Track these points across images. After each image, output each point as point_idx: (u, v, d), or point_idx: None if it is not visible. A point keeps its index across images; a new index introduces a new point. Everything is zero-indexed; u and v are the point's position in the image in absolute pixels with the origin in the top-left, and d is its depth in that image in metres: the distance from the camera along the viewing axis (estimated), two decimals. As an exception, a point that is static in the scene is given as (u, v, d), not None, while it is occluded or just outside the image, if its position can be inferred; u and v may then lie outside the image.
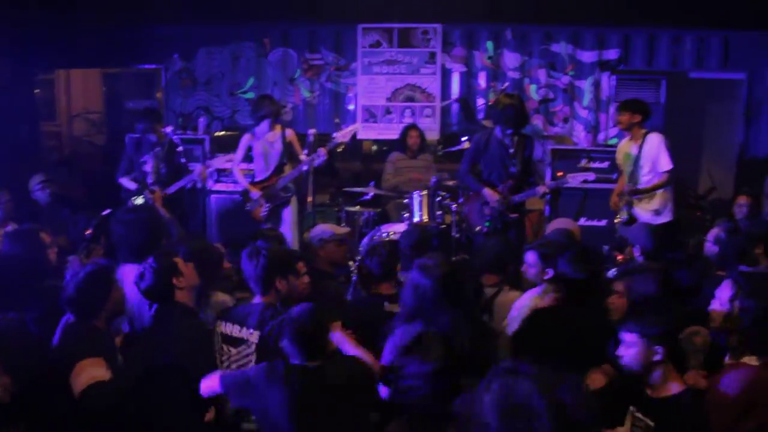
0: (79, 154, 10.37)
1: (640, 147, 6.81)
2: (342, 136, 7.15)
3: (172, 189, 6.95)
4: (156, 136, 7.01)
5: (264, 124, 7.17)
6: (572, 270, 3.97)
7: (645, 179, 6.83)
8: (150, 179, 6.95)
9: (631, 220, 6.88)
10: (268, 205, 7.23)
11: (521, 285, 4.76)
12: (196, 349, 3.71)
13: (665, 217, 6.85)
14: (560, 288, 4.08)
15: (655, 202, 6.84)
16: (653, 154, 6.73)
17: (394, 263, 4.52)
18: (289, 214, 7.29)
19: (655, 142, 6.73)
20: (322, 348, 3.31)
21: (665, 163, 6.68)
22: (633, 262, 5.23)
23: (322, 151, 6.93)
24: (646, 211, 6.87)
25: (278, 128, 7.23)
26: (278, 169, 7.18)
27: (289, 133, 7.26)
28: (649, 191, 6.82)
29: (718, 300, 3.46)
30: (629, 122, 6.88)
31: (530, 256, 4.61)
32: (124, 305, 4.01)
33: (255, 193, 7.21)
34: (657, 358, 3.18)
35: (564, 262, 4.06)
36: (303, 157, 7.09)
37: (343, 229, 5.53)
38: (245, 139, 7.32)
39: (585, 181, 6.79)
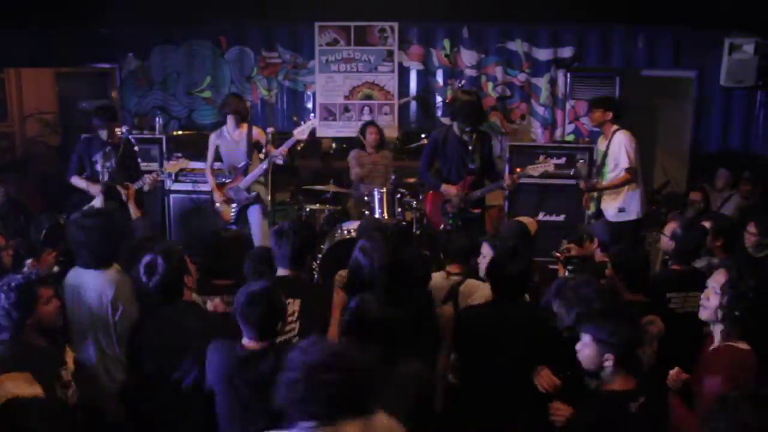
0: (33, 155, 10.17)
1: (608, 144, 6.93)
2: (300, 133, 7.14)
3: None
4: (108, 135, 6.81)
5: (229, 123, 7.12)
6: (502, 266, 4.04)
7: (610, 176, 6.96)
8: (105, 179, 6.78)
9: (599, 214, 7.01)
10: (235, 206, 7.19)
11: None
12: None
13: (630, 215, 6.96)
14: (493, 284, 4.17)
15: (620, 199, 6.96)
16: (616, 152, 6.85)
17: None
18: (256, 214, 7.23)
19: (619, 139, 6.85)
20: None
21: (624, 161, 6.80)
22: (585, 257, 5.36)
23: (281, 151, 6.92)
24: (611, 207, 7.00)
25: (244, 127, 7.18)
26: (243, 169, 7.13)
27: (256, 131, 7.21)
28: (608, 188, 6.94)
29: (712, 288, 3.51)
30: (601, 119, 7.00)
31: (484, 248, 4.74)
32: (59, 318, 3.86)
33: (218, 196, 7.18)
34: (607, 365, 3.27)
35: (496, 258, 4.17)
36: (262, 155, 7.07)
37: None
38: (212, 138, 7.28)
39: (545, 172, 6.90)
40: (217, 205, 7.25)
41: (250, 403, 3.31)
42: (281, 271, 4.30)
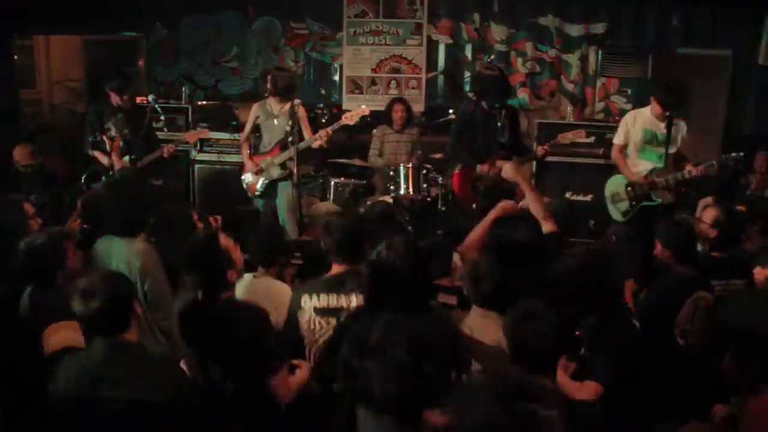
0: (60, 122, 10.21)
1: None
2: (348, 118, 6.98)
3: (143, 162, 6.69)
4: (120, 100, 6.71)
5: (270, 97, 7.03)
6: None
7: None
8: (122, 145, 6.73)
9: None
10: (263, 180, 7.11)
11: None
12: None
13: None
14: None
15: None
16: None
17: None
18: (286, 190, 7.13)
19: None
20: None
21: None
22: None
23: (325, 133, 6.79)
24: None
25: (288, 103, 7.02)
26: (281, 144, 7.00)
27: (300, 110, 7.05)
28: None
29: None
30: None
31: None
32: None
33: (250, 165, 7.09)
34: None
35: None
36: (306, 130, 6.95)
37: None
38: (254, 108, 7.15)
39: (573, 144, 6.71)
40: (245, 176, 7.18)
41: None
42: (336, 268, 3.88)
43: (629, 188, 6.41)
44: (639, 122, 6.41)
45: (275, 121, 7.03)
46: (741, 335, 3.24)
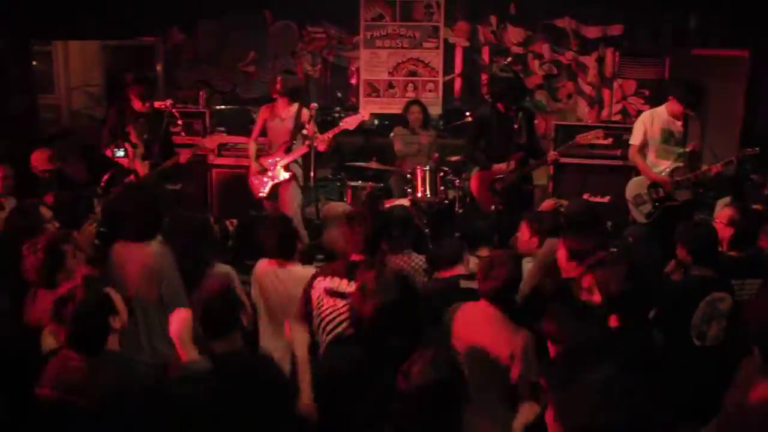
0: (79, 127, 10.28)
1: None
2: (347, 123, 7.07)
3: (163, 167, 6.75)
4: (141, 105, 6.74)
5: (280, 101, 7.09)
6: None
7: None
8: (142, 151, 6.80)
9: None
10: (267, 181, 7.17)
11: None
12: None
13: None
14: None
15: None
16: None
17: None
18: (288, 192, 7.19)
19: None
20: None
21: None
22: None
23: (327, 137, 6.86)
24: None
25: (294, 105, 7.12)
26: (286, 147, 7.09)
27: (305, 113, 7.12)
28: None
29: None
30: None
31: (522, 226, 4.79)
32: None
33: (255, 166, 7.17)
34: None
35: None
36: (305, 131, 7.01)
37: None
38: (261, 111, 7.23)
39: (592, 145, 6.70)
40: (253, 178, 7.26)
41: None
42: (355, 257, 4.06)
43: (652, 189, 6.39)
44: (656, 122, 6.38)
45: (281, 124, 7.10)
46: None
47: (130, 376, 3.27)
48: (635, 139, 6.50)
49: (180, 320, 3.50)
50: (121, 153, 6.82)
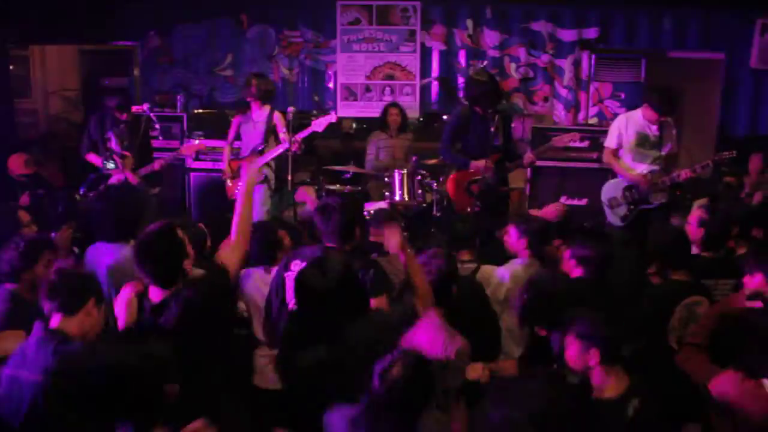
0: (56, 131, 10.22)
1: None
2: (317, 125, 7.09)
3: (140, 174, 6.80)
4: (120, 113, 6.82)
5: (253, 104, 7.12)
6: None
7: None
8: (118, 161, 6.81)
9: None
10: (240, 183, 7.16)
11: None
12: None
13: None
14: None
15: None
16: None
17: None
18: (260, 195, 7.19)
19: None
20: None
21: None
22: None
23: (298, 139, 6.87)
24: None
25: (266, 108, 7.16)
26: (257, 150, 7.12)
27: (277, 116, 7.16)
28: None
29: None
30: None
31: (511, 228, 4.86)
32: None
33: (228, 171, 7.21)
34: (592, 361, 3.16)
35: None
36: (283, 135, 7.02)
37: None
38: (236, 119, 7.32)
39: (569, 148, 6.76)
40: (227, 180, 7.29)
41: None
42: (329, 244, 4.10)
43: (627, 192, 6.44)
44: (631, 125, 6.45)
45: (254, 127, 7.14)
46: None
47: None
48: (610, 142, 6.58)
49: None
50: (111, 165, 6.83)
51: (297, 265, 3.93)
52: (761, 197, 7.23)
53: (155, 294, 3.46)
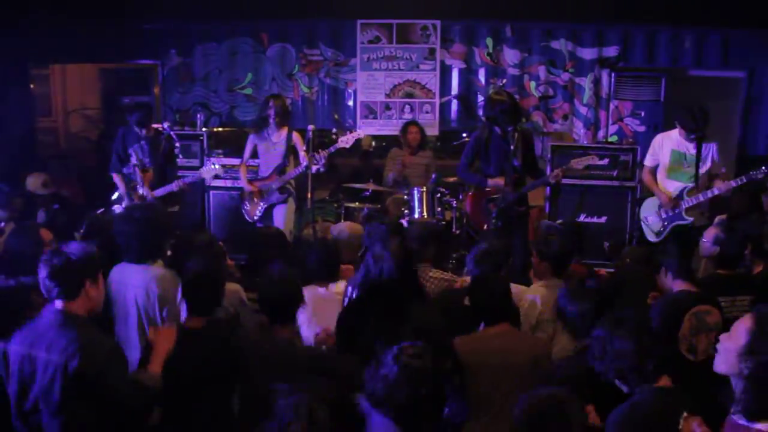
0: (76, 150, 10.30)
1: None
2: (344, 142, 7.10)
3: (159, 192, 6.80)
4: (144, 131, 6.82)
5: (270, 124, 7.11)
6: None
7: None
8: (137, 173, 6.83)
9: None
10: (262, 204, 7.18)
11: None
12: None
13: None
14: None
15: None
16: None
17: None
18: (282, 214, 7.20)
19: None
20: None
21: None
22: None
23: (322, 158, 6.88)
24: None
25: (284, 129, 7.15)
26: (278, 170, 7.12)
27: (296, 136, 7.16)
28: None
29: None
30: None
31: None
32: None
33: (249, 189, 7.19)
34: None
35: None
36: (303, 154, 7.02)
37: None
38: (250, 138, 7.27)
39: (588, 167, 6.77)
40: (244, 202, 7.28)
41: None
42: None
43: (661, 209, 6.47)
44: (666, 144, 6.52)
45: (273, 148, 7.13)
46: None
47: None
48: (648, 161, 6.72)
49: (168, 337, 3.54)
50: (120, 183, 6.87)
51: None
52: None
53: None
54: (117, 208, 6.78)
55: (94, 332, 3.28)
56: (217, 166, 7.09)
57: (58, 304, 3.25)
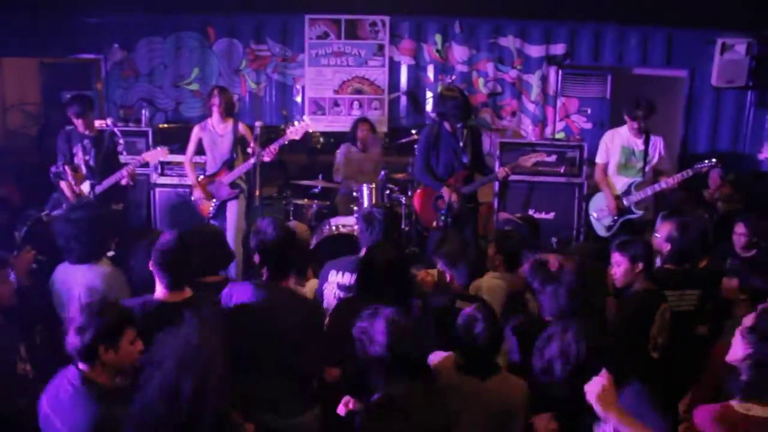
0: (14, 147, 9.98)
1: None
2: (293, 133, 6.98)
3: (103, 186, 6.56)
4: (85, 126, 6.60)
5: (215, 116, 6.96)
6: None
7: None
8: (84, 171, 6.62)
9: None
10: (215, 201, 7.05)
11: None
12: None
13: None
14: None
15: None
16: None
17: None
18: (234, 210, 7.08)
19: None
20: None
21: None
22: None
23: (273, 149, 6.77)
24: None
25: (229, 121, 7.00)
26: (227, 164, 6.99)
27: (242, 127, 7.02)
28: None
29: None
30: None
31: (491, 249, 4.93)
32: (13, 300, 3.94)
33: (197, 192, 7.04)
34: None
35: None
36: (251, 150, 6.91)
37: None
38: (195, 130, 7.11)
39: (536, 164, 6.83)
40: (195, 199, 7.13)
41: None
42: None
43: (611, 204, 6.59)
44: (616, 141, 6.71)
45: (220, 140, 6.99)
46: None
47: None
48: (599, 158, 6.84)
49: None
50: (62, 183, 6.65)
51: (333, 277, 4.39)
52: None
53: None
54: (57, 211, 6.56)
55: None
56: (160, 149, 6.91)
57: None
